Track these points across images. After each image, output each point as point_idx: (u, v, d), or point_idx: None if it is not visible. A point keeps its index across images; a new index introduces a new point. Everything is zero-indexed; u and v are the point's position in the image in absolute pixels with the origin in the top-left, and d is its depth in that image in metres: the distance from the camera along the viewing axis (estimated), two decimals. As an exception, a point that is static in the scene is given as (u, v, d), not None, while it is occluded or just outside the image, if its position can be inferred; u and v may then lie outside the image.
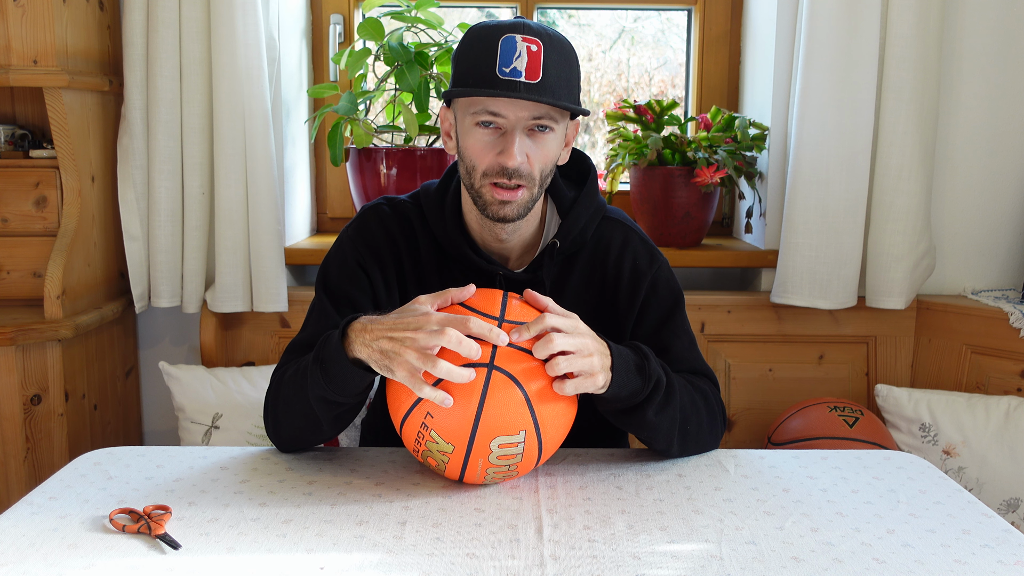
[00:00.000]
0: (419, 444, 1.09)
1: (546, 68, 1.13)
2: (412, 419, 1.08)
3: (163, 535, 0.99)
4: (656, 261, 1.33)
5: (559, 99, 1.15)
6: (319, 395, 1.13)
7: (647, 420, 1.17)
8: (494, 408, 1.04)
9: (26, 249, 2.02)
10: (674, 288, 1.34)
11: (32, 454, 1.87)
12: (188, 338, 2.29)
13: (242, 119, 2.00)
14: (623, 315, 1.31)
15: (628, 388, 1.13)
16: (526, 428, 1.06)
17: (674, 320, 1.32)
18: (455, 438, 1.05)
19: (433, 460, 1.10)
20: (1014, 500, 1.85)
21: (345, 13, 2.35)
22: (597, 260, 1.32)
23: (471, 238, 1.30)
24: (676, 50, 2.52)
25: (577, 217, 1.29)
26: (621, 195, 2.34)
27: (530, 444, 1.07)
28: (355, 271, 1.29)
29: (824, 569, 0.95)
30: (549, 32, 1.16)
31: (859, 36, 1.95)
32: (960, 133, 2.15)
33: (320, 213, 2.46)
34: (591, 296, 1.32)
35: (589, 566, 0.94)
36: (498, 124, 1.17)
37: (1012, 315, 1.99)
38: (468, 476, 1.11)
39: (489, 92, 1.13)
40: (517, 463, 1.09)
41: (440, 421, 1.05)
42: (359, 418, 1.71)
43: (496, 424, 1.04)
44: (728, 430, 2.18)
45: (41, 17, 1.83)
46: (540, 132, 1.18)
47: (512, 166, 1.16)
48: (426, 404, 1.05)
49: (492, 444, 1.05)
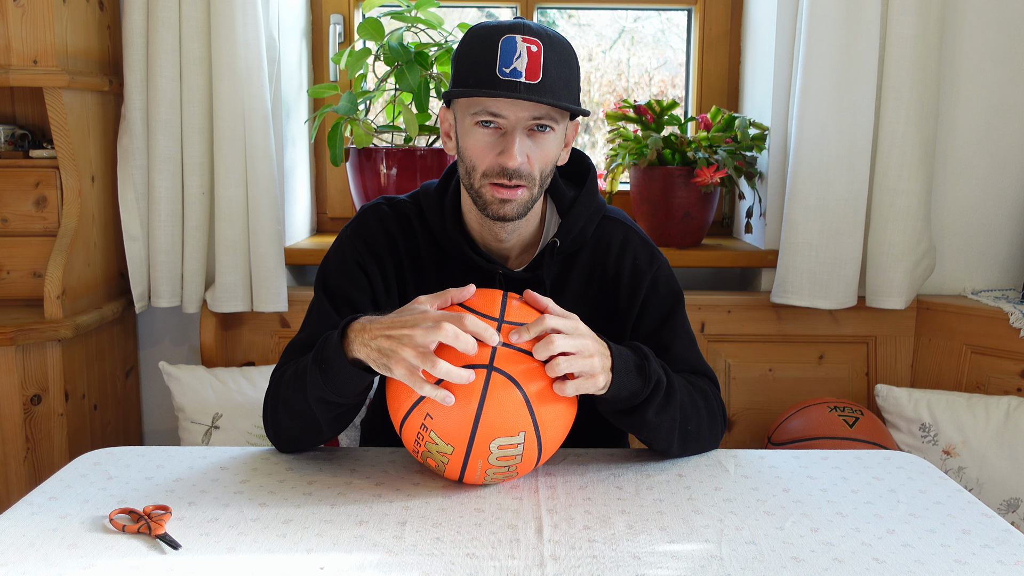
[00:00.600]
0: (419, 445, 1.09)
1: (546, 68, 1.14)
2: (411, 420, 1.08)
3: (163, 535, 0.99)
4: (656, 261, 1.34)
5: (559, 99, 1.15)
6: (318, 396, 1.12)
7: (647, 420, 1.17)
8: (493, 409, 1.04)
9: (26, 249, 2.02)
10: (674, 288, 1.34)
11: (32, 454, 1.87)
12: (188, 338, 2.29)
13: (242, 119, 2.00)
14: (623, 314, 1.31)
15: (628, 388, 1.13)
16: (526, 429, 1.06)
17: (674, 320, 1.32)
18: (454, 439, 1.05)
19: (433, 461, 1.10)
20: (1014, 500, 1.85)
21: (345, 13, 2.35)
22: (597, 259, 1.32)
23: (470, 237, 1.30)
24: (676, 50, 2.52)
25: (577, 216, 1.29)
26: (621, 195, 2.34)
27: (530, 445, 1.07)
28: (354, 271, 1.29)
29: (824, 569, 0.95)
30: (549, 33, 1.17)
31: (859, 36, 1.95)
32: (960, 133, 2.15)
33: (320, 213, 2.46)
34: (591, 295, 1.32)
35: (589, 566, 0.94)
36: (498, 124, 1.17)
37: (1012, 315, 1.99)
38: (468, 477, 1.11)
39: (489, 93, 1.13)
40: (517, 464, 1.09)
41: (439, 422, 1.05)
42: (359, 418, 1.71)
43: (495, 425, 1.04)
44: (728, 430, 2.18)
45: (41, 17, 1.83)
46: (540, 132, 1.18)
47: (512, 166, 1.16)
48: (425, 405, 1.05)
49: (492, 445, 1.05)
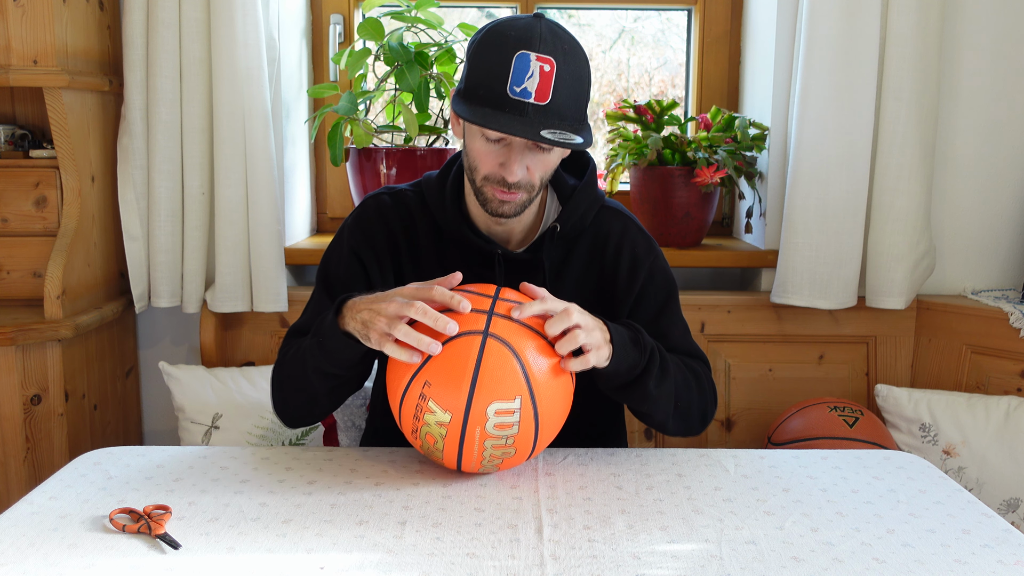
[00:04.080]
0: (417, 420, 1.10)
1: (556, 89, 1.15)
2: (410, 393, 1.10)
3: (163, 535, 0.99)
4: (653, 250, 1.38)
5: (565, 119, 1.16)
6: (316, 366, 1.20)
7: (649, 392, 1.22)
8: (489, 372, 1.07)
9: (26, 249, 2.02)
10: (669, 277, 1.39)
11: (32, 454, 1.87)
12: (188, 338, 2.29)
13: (242, 119, 2.00)
14: (620, 300, 1.35)
15: (628, 361, 1.18)
16: (521, 395, 1.08)
17: (670, 308, 1.37)
18: (452, 405, 1.08)
19: (432, 437, 1.10)
20: (1014, 500, 1.85)
21: (345, 13, 2.35)
22: (597, 246, 1.35)
23: (471, 220, 1.33)
24: (676, 50, 2.52)
25: (578, 203, 1.32)
26: (621, 195, 2.34)
27: (526, 414, 1.09)
28: (351, 260, 1.34)
29: (824, 569, 0.95)
30: (563, 47, 1.16)
31: (859, 36, 1.95)
32: (960, 133, 2.15)
33: (320, 213, 2.46)
34: (590, 280, 1.35)
35: (589, 566, 0.95)
36: (502, 137, 1.19)
37: (1012, 315, 1.99)
38: (466, 454, 1.11)
39: (495, 125, 1.13)
40: (514, 436, 1.10)
41: (437, 389, 1.08)
42: (361, 419, 1.72)
43: (492, 388, 1.07)
44: (728, 430, 2.18)
45: (41, 17, 1.83)
46: (542, 150, 1.21)
47: (512, 181, 1.20)
48: (424, 373, 1.09)
49: (488, 410, 1.07)
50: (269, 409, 2.00)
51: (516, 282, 1.23)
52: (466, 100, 1.18)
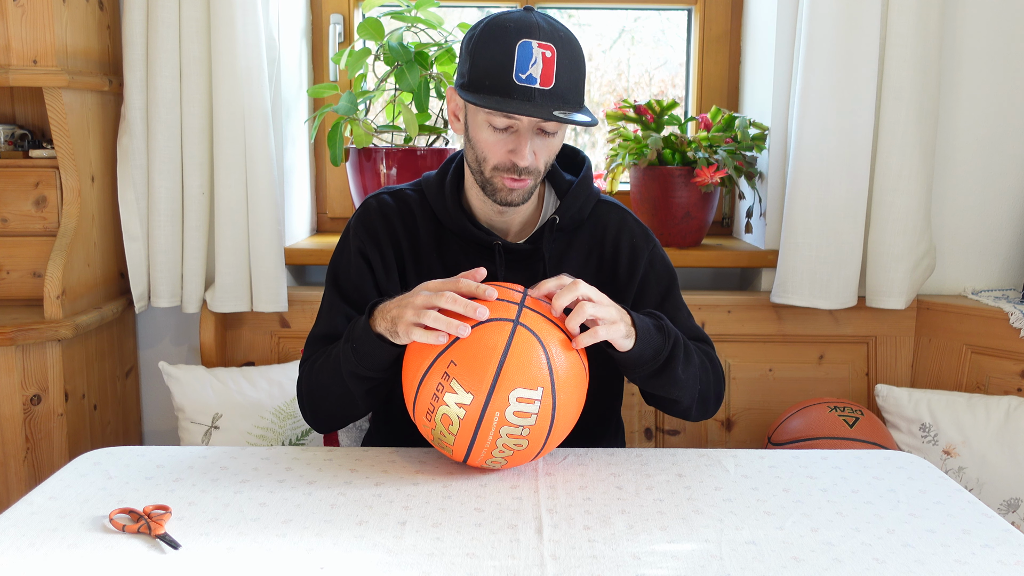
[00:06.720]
0: (436, 400, 1.10)
1: (558, 73, 1.19)
2: (432, 372, 1.10)
3: (163, 535, 0.99)
4: (651, 239, 1.41)
5: (568, 102, 1.21)
6: (351, 371, 1.22)
7: (677, 377, 1.24)
8: (516, 359, 1.08)
9: (26, 249, 2.02)
10: (668, 264, 1.42)
11: (32, 454, 1.87)
12: (188, 338, 2.29)
13: (242, 119, 2.00)
14: (622, 290, 1.37)
15: (653, 346, 1.20)
16: (544, 386, 1.09)
17: (672, 294, 1.40)
18: (475, 386, 1.08)
19: (448, 418, 1.10)
20: (1014, 500, 1.85)
21: (345, 13, 2.35)
22: (595, 238, 1.38)
23: (472, 214, 1.35)
24: (676, 50, 2.52)
25: (576, 196, 1.35)
26: (621, 195, 2.34)
27: (545, 408, 1.09)
28: (358, 260, 1.36)
29: (824, 569, 0.95)
30: (560, 33, 1.21)
31: (859, 36, 1.95)
32: (960, 133, 2.15)
33: (320, 213, 2.46)
34: (590, 272, 1.37)
35: (589, 566, 0.94)
36: (510, 125, 1.23)
37: (1012, 315, 1.99)
38: (479, 440, 1.10)
39: (508, 108, 1.17)
40: (530, 428, 1.09)
41: (462, 369, 1.08)
42: (363, 420, 1.72)
43: (517, 375, 1.08)
44: (728, 430, 2.18)
45: (41, 17, 1.83)
46: (547, 133, 1.25)
47: (523, 165, 1.23)
48: (450, 353, 1.10)
49: (511, 396, 1.07)
50: (269, 409, 2.00)
51: (516, 274, 1.27)
52: (472, 91, 1.20)
